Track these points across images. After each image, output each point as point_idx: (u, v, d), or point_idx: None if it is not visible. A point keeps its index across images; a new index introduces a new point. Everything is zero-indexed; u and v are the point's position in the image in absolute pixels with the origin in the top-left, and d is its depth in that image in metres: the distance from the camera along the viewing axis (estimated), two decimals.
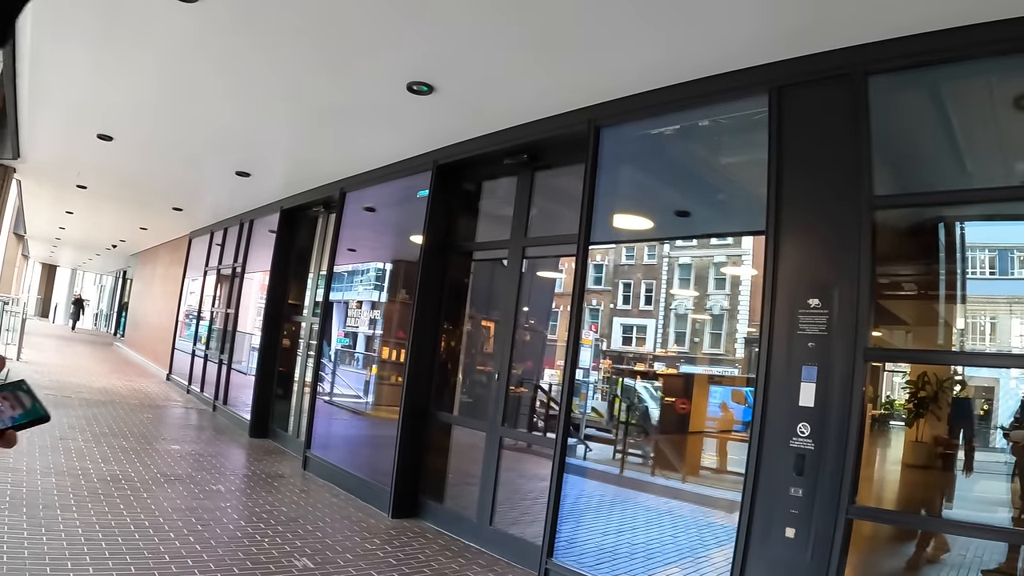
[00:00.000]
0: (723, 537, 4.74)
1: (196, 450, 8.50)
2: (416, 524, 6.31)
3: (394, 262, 8.60)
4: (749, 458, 3.80)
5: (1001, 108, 3.59)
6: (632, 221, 5.34)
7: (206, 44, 4.93)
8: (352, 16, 4.22)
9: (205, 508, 5.89)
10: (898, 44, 3.54)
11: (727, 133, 4.74)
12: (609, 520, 5.16)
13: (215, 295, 13.94)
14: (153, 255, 21.44)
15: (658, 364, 8.79)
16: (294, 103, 6.05)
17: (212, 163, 8.96)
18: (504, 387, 5.87)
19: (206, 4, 4.20)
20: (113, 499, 5.71)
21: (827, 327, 3.59)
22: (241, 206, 11.91)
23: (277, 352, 10.45)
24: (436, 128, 6.18)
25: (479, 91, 5.22)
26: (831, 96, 3.79)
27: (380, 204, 8.28)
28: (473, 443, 6.39)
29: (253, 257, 11.94)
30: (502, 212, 6.48)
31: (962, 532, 3.59)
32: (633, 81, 4.66)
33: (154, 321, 19.48)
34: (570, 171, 5.53)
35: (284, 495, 6.82)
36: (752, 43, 3.89)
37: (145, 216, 15.04)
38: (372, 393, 8.56)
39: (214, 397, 12.21)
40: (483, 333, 7.01)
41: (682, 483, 6.24)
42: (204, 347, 13.86)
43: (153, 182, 10.90)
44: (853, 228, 3.56)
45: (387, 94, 5.42)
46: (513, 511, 5.87)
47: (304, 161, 8.31)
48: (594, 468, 5.68)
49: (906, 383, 4.24)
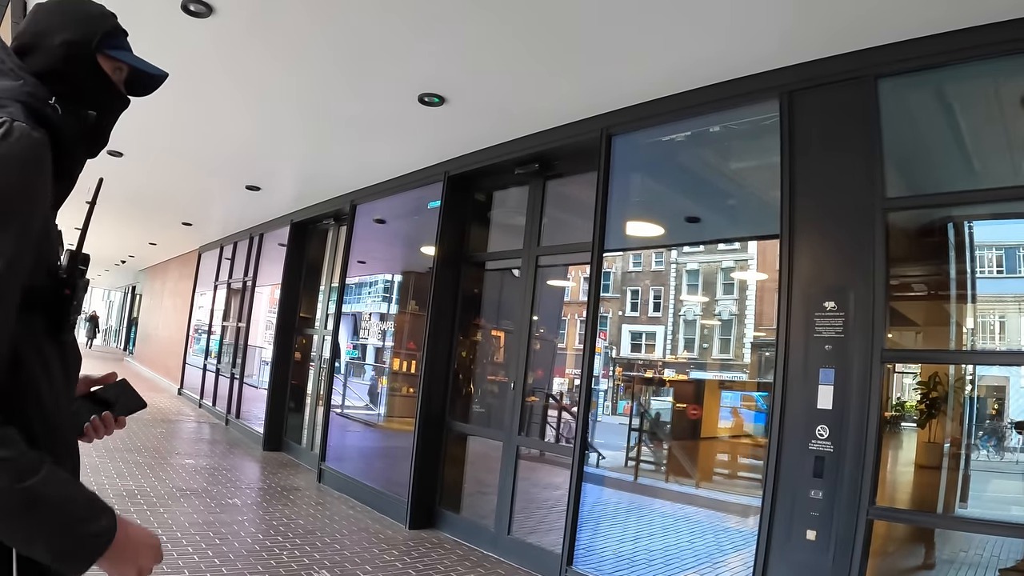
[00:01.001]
0: (740, 541, 4.75)
1: (211, 464, 8.53)
2: (434, 535, 6.32)
3: (404, 273, 8.64)
4: (768, 461, 3.81)
5: (1008, 107, 3.62)
6: (644, 228, 5.38)
7: (218, 59, 4.98)
8: (363, 30, 4.27)
9: (222, 522, 5.92)
10: (907, 47, 3.57)
11: (738, 138, 4.77)
12: (626, 527, 5.18)
13: (225, 309, 13.98)
14: (162, 270, 21.52)
15: (668, 371, 8.80)
16: (305, 116, 6.11)
17: (222, 178, 9.01)
18: (520, 396, 5.89)
19: (218, 19, 4.25)
20: (129, 514, 5.73)
21: (843, 329, 3.61)
22: (251, 220, 11.96)
23: (289, 365, 10.48)
24: (447, 139, 6.22)
25: (490, 102, 5.26)
26: (842, 100, 3.83)
27: (391, 216, 8.32)
28: (487, 452, 6.41)
29: (263, 271, 11.99)
30: (514, 222, 6.52)
31: (980, 530, 3.60)
32: (645, 89, 4.70)
33: (164, 336, 19.54)
34: (582, 179, 5.57)
35: (300, 508, 6.84)
36: (763, 49, 3.93)
37: (154, 231, 15.11)
38: (384, 404, 8.58)
39: (226, 411, 12.24)
40: (495, 343, 7.04)
41: (696, 488, 6.25)
42: (215, 361, 13.90)
43: (162, 197, 10.95)
44: (867, 230, 3.59)
45: (398, 106, 5.46)
46: (530, 520, 5.89)
47: (314, 174, 8.36)
48: (609, 476, 5.68)
49: (917, 384, 4.26)
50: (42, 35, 1.41)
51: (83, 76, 1.43)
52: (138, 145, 7.43)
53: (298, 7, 4.08)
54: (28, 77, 1.33)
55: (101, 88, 1.47)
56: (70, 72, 1.41)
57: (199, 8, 4.09)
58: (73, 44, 1.41)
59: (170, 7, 4.11)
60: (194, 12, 4.14)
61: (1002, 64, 3.43)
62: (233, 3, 4.09)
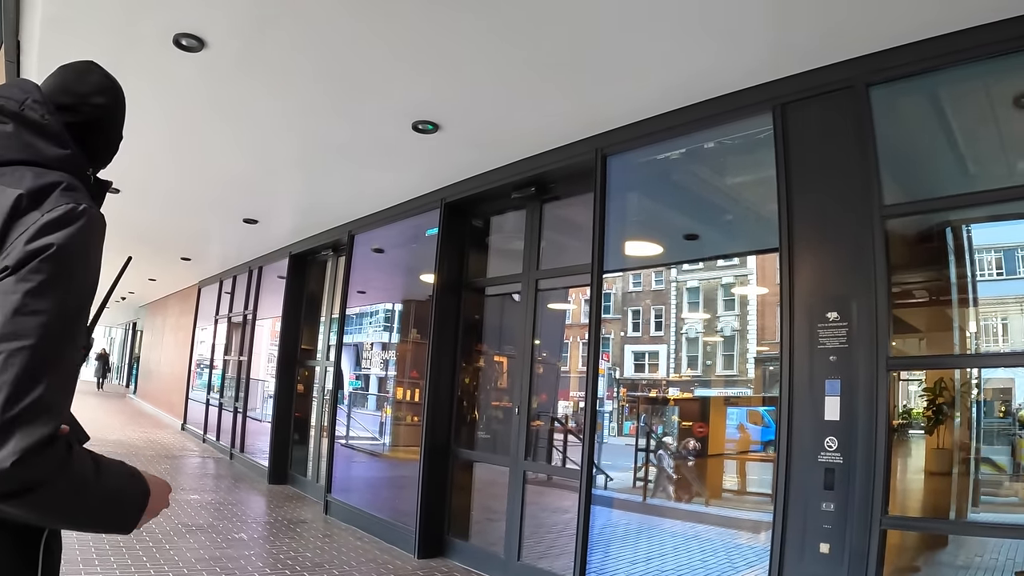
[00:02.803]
0: (752, 558, 4.70)
1: (216, 499, 8.48)
2: (443, 563, 6.26)
3: (405, 302, 8.63)
4: (777, 476, 3.78)
5: (1000, 108, 3.63)
6: (642, 247, 5.38)
7: (210, 92, 5.00)
8: (355, 60, 4.30)
9: (229, 557, 5.87)
10: (897, 53, 3.59)
11: (732, 153, 4.78)
12: (637, 548, 5.13)
13: (227, 343, 13.96)
14: (163, 306, 21.53)
15: (672, 389, 8.76)
16: (298, 147, 6.13)
17: (220, 212, 9.04)
18: (525, 421, 5.86)
19: (210, 53, 4.27)
20: (136, 552, 5.69)
21: (847, 339, 3.60)
22: (250, 253, 11.98)
23: (292, 397, 10.46)
24: (443, 166, 6.24)
25: (485, 127, 5.28)
26: (835, 109, 3.84)
27: (389, 245, 8.33)
28: (493, 479, 6.37)
29: (263, 304, 11.99)
30: (512, 246, 6.52)
31: (994, 534, 3.57)
32: (637, 108, 4.72)
33: (166, 371, 19.51)
34: (578, 201, 5.58)
35: (308, 540, 6.78)
36: (753, 62, 3.95)
37: (153, 267, 15.11)
38: (389, 434, 8.54)
39: (230, 445, 12.19)
40: (498, 368, 7.01)
41: (705, 506, 6.20)
42: (218, 396, 13.86)
43: (161, 233, 10.97)
44: (866, 238, 3.59)
45: (393, 135, 5.49)
46: (539, 545, 5.83)
47: (311, 205, 8.38)
48: (617, 497, 5.64)
49: (923, 391, 4.23)
50: (83, 96, 1.52)
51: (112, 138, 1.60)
52: (134, 181, 7.45)
53: (288, 39, 4.12)
54: (73, 145, 1.42)
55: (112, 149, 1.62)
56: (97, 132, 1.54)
57: (191, 43, 4.12)
58: (109, 109, 1.56)
59: (162, 42, 4.14)
60: (186, 47, 4.16)
61: (992, 65, 3.44)
62: (224, 37, 4.12)
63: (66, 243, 1.21)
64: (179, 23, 3.96)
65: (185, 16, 3.90)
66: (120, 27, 4.10)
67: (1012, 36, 3.23)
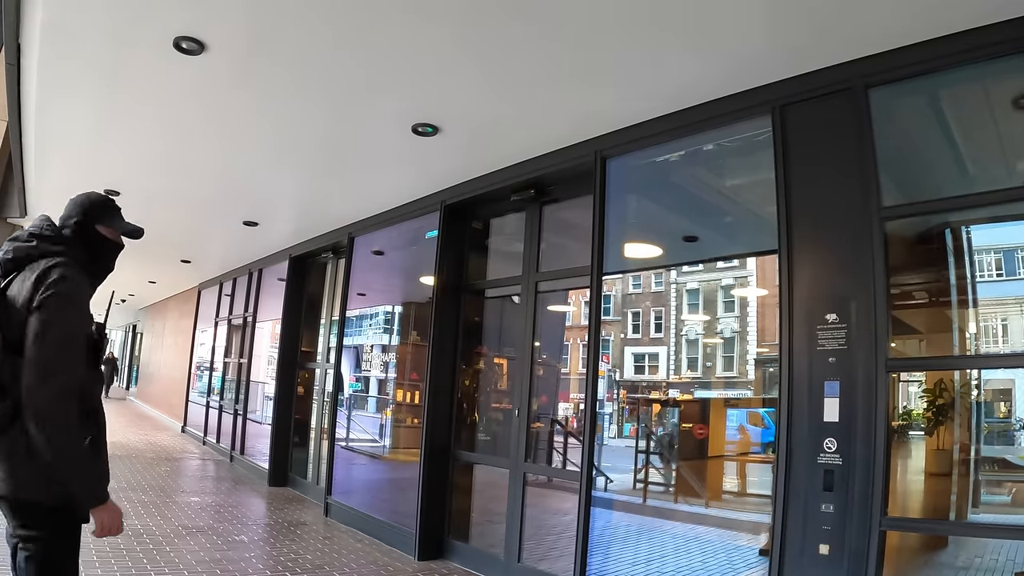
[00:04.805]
0: (752, 559, 4.71)
1: (216, 501, 8.48)
2: (443, 565, 6.26)
3: (405, 304, 8.64)
4: (777, 477, 3.78)
5: (999, 110, 3.63)
6: (642, 249, 5.38)
7: (209, 96, 5.01)
8: (354, 62, 4.30)
9: (230, 559, 5.87)
10: (896, 55, 3.59)
11: (732, 155, 4.78)
12: (637, 549, 5.13)
13: (227, 346, 13.97)
14: (163, 308, 21.53)
15: (672, 391, 8.78)
16: (299, 150, 6.14)
17: (220, 214, 9.04)
18: (525, 423, 5.86)
19: (210, 56, 4.28)
20: (136, 554, 5.70)
21: (846, 341, 3.60)
22: (249, 255, 11.98)
23: (292, 400, 10.45)
24: (442, 168, 6.25)
25: (484, 129, 5.29)
26: (834, 111, 3.84)
27: (389, 247, 8.34)
28: (494, 480, 6.37)
29: (263, 306, 11.99)
30: (512, 248, 6.52)
31: (994, 535, 3.57)
32: (637, 110, 4.72)
33: (166, 374, 19.51)
34: (578, 203, 5.58)
35: (308, 543, 6.78)
36: (753, 64, 3.95)
37: (153, 269, 15.11)
38: (389, 436, 8.54)
39: (231, 447, 12.19)
40: (498, 370, 7.02)
41: (705, 508, 6.21)
42: (218, 398, 13.86)
43: (161, 235, 10.94)
44: (865, 240, 3.59)
45: (392, 137, 5.49)
46: (540, 546, 5.83)
47: (311, 208, 8.39)
48: (618, 499, 5.64)
49: (923, 392, 4.24)
50: (66, 219, 2.64)
51: (90, 239, 2.67)
52: (134, 183, 7.45)
53: (288, 43, 4.12)
54: (66, 244, 2.56)
55: (100, 243, 2.71)
56: (82, 236, 2.64)
57: (191, 46, 4.12)
58: (80, 223, 2.64)
59: (162, 46, 4.14)
60: (186, 50, 4.17)
61: (990, 67, 3.45)
62: (225, 40, 4.13)
63: (62, 292, 2.37)
64: (179, 26, 3.97)
65: (186, 19, 3.90)
66: (120, 30, 4.11)
67: (1011, 38, 3.24)
